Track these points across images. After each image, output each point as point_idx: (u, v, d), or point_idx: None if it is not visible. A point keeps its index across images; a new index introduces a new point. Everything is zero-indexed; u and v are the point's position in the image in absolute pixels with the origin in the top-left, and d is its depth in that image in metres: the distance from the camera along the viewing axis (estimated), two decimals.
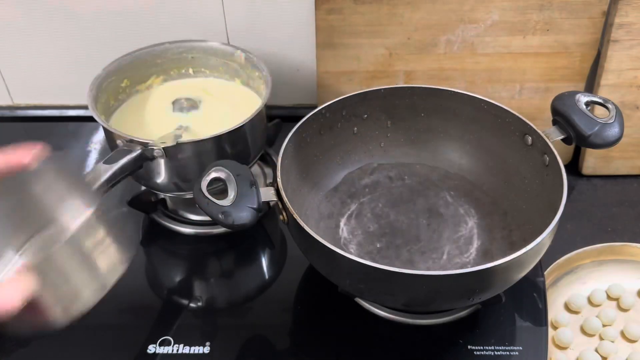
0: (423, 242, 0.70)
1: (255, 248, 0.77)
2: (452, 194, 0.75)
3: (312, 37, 0.87)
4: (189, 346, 0.65)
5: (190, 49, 0.83)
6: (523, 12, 0.80)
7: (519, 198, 0.71)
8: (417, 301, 0.60)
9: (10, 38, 0.93)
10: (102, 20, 0.90)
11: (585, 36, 0.81)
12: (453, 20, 0.81)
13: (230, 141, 0.71)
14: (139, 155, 0.66)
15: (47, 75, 0.98)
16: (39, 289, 0.41)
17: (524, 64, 0.84)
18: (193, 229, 0.78)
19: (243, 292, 0.73)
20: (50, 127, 0.98)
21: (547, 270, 0.71)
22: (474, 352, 0.64)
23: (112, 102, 0.79)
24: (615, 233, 0.79)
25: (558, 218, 0.56)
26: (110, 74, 0.78)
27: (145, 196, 0.79)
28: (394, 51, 0.85)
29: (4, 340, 0.67)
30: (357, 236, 0.72)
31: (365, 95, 0.74)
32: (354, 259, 0.54)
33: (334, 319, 0.68)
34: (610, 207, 0.82)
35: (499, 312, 0.67)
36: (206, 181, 0.59)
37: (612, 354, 0.67)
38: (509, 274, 0.57)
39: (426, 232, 0.71)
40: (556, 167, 0.62)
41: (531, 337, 0.65)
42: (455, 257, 0.68)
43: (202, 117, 0.79)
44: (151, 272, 0.76)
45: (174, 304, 0.70)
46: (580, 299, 0.71)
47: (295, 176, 0.71)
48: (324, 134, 0.74)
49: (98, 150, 0.93)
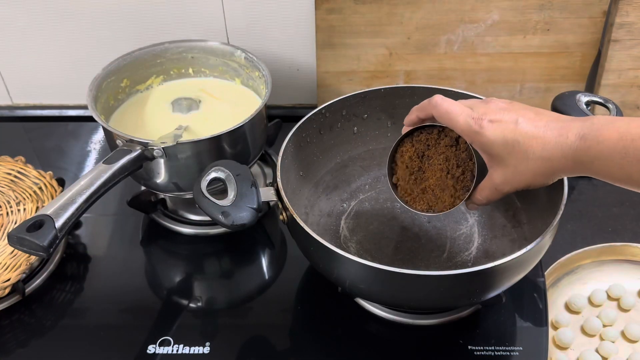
0: (423, 240, 0.70)
1: (255, 248, 0.77)
2: None
3: (312, 37, 0.87)
4: (189, 346, 0.65)
5: (190, 48, 0.83)
6: (523, 12, 0.80)
7: (519, 198, 0.71)
8: (417, 301, 0.60)
9: (10, 38, 0.93)
10: (102, 20, 0.90)
11: (585, 36, 0.81)
12: (453, 20, 0.81)
13: (230, 141, 0.70)
14: (138, 155, 0.66)
15: (46, 75, 0.98)
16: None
17: (524, 63, 0.84)
18: (193, 229, 0.78)
19: (243, 292, 0.72)
20: (50, 127, 0.98)
21: (548, 270, 0.71)
22: (474, 352, 0.64)
23: (111, 102, 0.79)
24: (616, 233, 0.79)
25: (558, 218, 0.56)
26: (110, 74, 0.78)
27: (145, 196, 0.79)
28: (394, 51, 0.84)
29: (4, 340, 0.67)
30: (357, 235, 0.71)
31: (365, 95, 0.74)
32: (354, 259, 0.54)
33: (334, 319, 0.67)
34: (611, 207, 0.82)
35: (499, 312, 0.67)
36: (206, 181, 0.59)
37: (613, 355, 0.66)
38: (510, 274, 0.57)
39: (427, 229, 0.71)
40: None
41: (531, 338, 0.65)
42: (455, 256, 0.68)
43: (202, 117, 0.79)
44: (151, 272, 0.76)
45: (174, 304, 0.70)
46: (580, 299, 0.71)
47: (295, 176, 0.71)
48: (324, 133, 0.74)
49: (98, 150, 0.93)
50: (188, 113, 0.80)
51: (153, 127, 0.77)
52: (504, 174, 0.53)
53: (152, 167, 0.70)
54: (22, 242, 0.55)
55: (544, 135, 0.50)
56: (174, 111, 0.80)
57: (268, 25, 0.89)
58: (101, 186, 0.61)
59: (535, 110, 0.52)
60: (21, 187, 0.78)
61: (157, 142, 0.67)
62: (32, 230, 0.55)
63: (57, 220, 0.57)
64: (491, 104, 0.53)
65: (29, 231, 0.55)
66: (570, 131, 0.49)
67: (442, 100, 0.55)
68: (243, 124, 0.70)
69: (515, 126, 0.51)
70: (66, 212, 0.58)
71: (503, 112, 0.52)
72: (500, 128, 0.51)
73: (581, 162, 0.48)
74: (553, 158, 0.49)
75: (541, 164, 0.50)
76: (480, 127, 0.52)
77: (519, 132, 0.50)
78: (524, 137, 0.50)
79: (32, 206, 0.75)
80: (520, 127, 0.50)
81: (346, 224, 0.73)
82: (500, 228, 0.70)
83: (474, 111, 0.53)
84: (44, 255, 0.56)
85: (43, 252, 0.55)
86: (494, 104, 0.53)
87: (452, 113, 0.54)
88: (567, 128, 0.49)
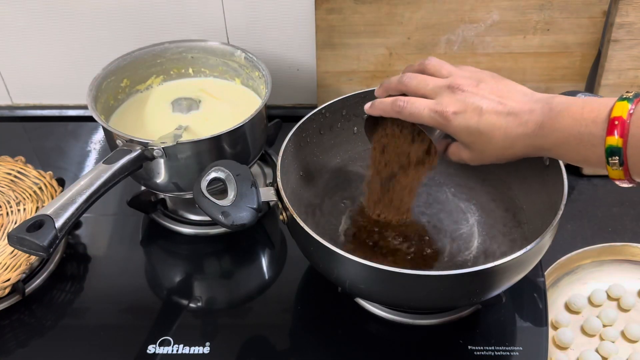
0: (424, 240, 0.70)
1: (255, 248, 0.77)
2: (452, 191, 0.75)
3: (312, 37, 0.87)
4: (189, 346, 0.65)
5: (190, 48, 0.83)
6: (523, 12, 0.80)
7: (519, 198, 0.71)
8: (417, 301, 0.60)
9: (10, 38, 0.93)
10: (102, 20, 0.90)
11: (585, 36, 0.81)
12: (453, 20, 0.81)
13: (230, 141, 0.70)
14: (138, 155, 0.66)
15: (46, 75, 0.98)
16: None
17: (524, 63, 0.84)
18: (193, 229, 0.78)
19: (243, 292, 0.72)
20: (50, 127, 0.98)
21: (548, 270, 0.71)
22: (474, 352, 0.64)
23: (111, 102, 0.79)
24: (616, 233, 0.79)
25: (558, 218, 0.56)
26: (110, 74, 0.78)
27: (145, 196, 0.79)
28: (394, 51, 0.84)
29: (4, 340, 0.67)
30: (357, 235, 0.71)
31: (365, 95, 0.74)
32: (354, 259, 0.54)
33: (334, 319, 0.67)
34: (611, 207, 0.82)
35: (499, 312, 0.67)
36: (206, 181, 0.59)
37: (613, 355, 0.66)
38: (510, 274, 0.57)
39: (427, 229, 0.71)
40: (556, 167, 0.62)
41: (531, 338, 0.65)
42: (456, 255, 0.68)
43: (202, 117, 0.79)
44: (151, 272, 0.76)
45: (174, 304, 0.70)
46: (580, 299, 0.71)
47: (295, 176, 0.71)
48: (324, 133, 0.74)
49: (98, 150, 0.93)
50: (188, 113, 0.80)
51: (153, 127, 0.77)
52: (470, 154, 0.57)
53: (152, 167, 0.70)
54: (22, 242, 0.55)
55: (505, 125, 0.52)
56: (174, 111, 0.80)
57: (268, 25, 0.89)
58: (101, 186, 0.61)
59: (499, 92, 0.54)
60: (21, 187, 0.78)
61: (157, 142, 0.67)
62: (32, 230, 0.55)
63: (57, 220, 0.57)
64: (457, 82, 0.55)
65: (29, 231, 0.55)
66: (531, 119, 0.52)
67: (404, 103, 0.56)
68: (243, 124, 0.70)
69: (478, 117, 0.53)
70: (66, 212, 0.58)
71: (468, 98, 0.54)
72: (465, 119, 0.54)
73: (541, 148, 0.52)
74: (515, 145, 0.53)
75: (504, 150, 0.54)
76: (445, 119, 0.54)
77: (482, 122, 0.53)
78: (486, 127, 0.53)
79: (32, 206, 0.75)
80: (483, 117, 0.53)
81: (346, 224, 0.73)
82: (500, 228, 0.70)
83: (438, 101, 0.55)
84: (44, 255, 0.56)
85: (43, 252, 0.55)
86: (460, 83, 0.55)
87: (414, 115, 0.56)
88: (528, 115, 0.52)
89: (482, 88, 0.54)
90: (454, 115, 0.54)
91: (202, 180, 0.59)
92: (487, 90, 0.54)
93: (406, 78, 0.58)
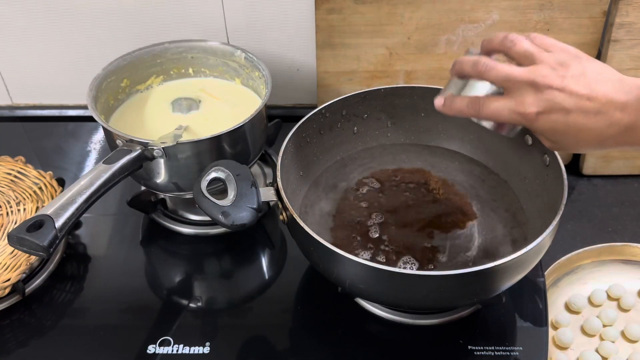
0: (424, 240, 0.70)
1: (255, 248, 0.77)
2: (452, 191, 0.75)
3: (312, 37, 0.87)
4: (189, 346, 0.65)
5: (190, 48, 0.83)
6: (523, 11, 0.80)
7: (519, 198, 0.71)
8: (417, 301, 0.60)
9: (10, 38, 0.93)
10: (101, 20, 0.90)
11: (585, 36, 0.81)
12: (453, 20, 0.81)
13: (230, 141, 0.70)
14: (138, 155, 0.66)
15: (46, 75, 0.98)
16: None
17: None
18: (193, 229, 0.78)
19: (243, 292, 0.72)
20: (50, 127, 0.98)
21: (548, 270, 0.71)
22: (474, 352, 0.64)
23: (111, 102, 0.79)
24: (616, 233, 0.79)
25: (558, 218, 0.56)
26: (110, 74, 0.78)
27: (145, 196, 0.79)
28: (394, 51, 0.84)
29: (4, 340, 0.67)
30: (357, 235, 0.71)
31: (365, 95, 0.74)
32: (354, 259, 0.54)
33: (334, 319, 0.67)
34: (611, 207, 0.82)
35: (499, 312, 0.67)
36: (206, 181, 0.59)
37: (613, 355, 0.66)
38: (510, 274, 0.57)
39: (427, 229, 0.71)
40: (556, 167, 0.62)
41: (531, 338, 0.65)
42: (455, 256, 0.68)
43: (201, 117, 0.79)
44: (151, 272, 0.76)
45: (174, 304, 0.70)
46: (580, 299, 0.71)
47: (295, 176, 0.71)
48: (324, 133, 0.74)
49: (98, 150, 0.93)
50: (188, 113, 0.80)
51: (153, 127, 0.77)
52: (553, 145, 0.53)
53: (152, 167, 0.70)
54: (22, 242, 0.55)
55: (594, 127, 0.49)
56: (174, 111, 0.80)
57: (268, 25, 0.89)
58: (101, 186, 0.61)
59: (587, 81, 0.49)
60: (21, 187, 0.78)
61: (157, 142, 0.67)
62: (32, 230, 0.55)
63: (57, 220, 0.57)
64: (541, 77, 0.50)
65: (29, 231, 0.55)
66: (623, 120, 0.48)
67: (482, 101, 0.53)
68: (243, 124, 0.70)
69: (565, 118, 0.50)
70: (66, 212, 0.58)
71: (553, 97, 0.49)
72: (550, 120, 0.50)
73: (630, 145, 0.49)
74: (604, 144, 0.50)
75: (592, 148, 0.52)
76: (528, 120, 0.51)
77: (569, 123, 0.50)
78: (573, 129, 0.50)
79: (32, 206, 0.75)
80: (570, 118, 0.49)
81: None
82: (501, 228, 0.70)
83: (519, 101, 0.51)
84: (44, 255, 0.56)
85: (43, 252, 0.55)
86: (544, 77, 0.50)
87: (494, 115, 0.53)
88: (620, 114, 0.48)
89: (568, 79, 0.49)
90: (538, 116, 0.50)
91: (202, 180, 0.59)
92: (574, 81, 0.49)
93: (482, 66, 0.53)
